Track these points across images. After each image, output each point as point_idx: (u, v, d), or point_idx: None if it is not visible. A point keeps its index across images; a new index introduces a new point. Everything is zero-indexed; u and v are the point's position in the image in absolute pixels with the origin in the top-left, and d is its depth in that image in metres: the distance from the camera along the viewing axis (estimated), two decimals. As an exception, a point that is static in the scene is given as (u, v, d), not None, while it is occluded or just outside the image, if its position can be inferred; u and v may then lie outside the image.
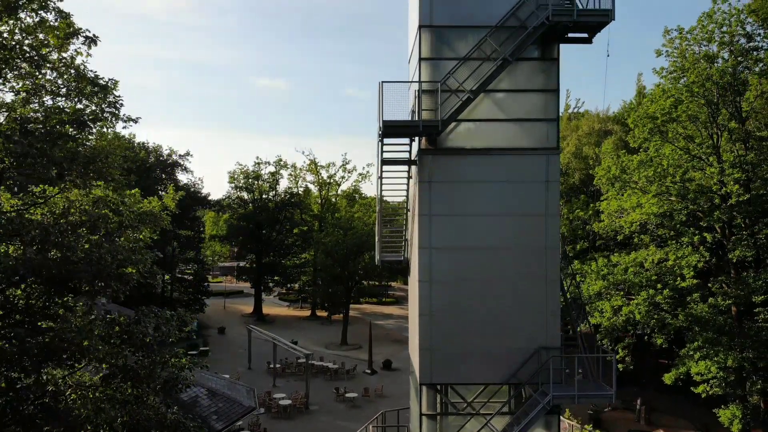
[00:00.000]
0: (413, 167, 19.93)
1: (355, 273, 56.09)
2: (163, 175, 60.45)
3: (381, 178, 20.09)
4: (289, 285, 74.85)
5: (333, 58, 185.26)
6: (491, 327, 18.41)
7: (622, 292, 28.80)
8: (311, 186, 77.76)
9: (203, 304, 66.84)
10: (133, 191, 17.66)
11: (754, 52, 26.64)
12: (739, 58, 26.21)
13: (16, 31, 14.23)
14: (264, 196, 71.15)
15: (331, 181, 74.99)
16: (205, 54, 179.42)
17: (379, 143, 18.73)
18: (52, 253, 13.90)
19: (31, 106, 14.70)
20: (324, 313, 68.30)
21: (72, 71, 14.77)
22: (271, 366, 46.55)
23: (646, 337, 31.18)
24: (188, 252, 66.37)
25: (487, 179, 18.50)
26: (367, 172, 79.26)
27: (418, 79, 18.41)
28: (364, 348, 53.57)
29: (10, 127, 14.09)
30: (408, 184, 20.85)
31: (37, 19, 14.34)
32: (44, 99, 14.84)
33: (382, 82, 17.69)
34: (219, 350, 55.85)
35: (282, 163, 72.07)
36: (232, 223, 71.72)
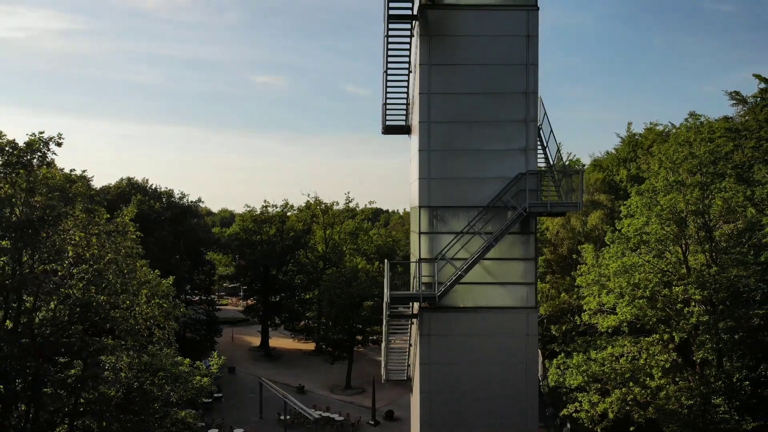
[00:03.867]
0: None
1: (357, 322, 59.59)
2: (176, 240, 63.65)
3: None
4: (294, 321, 78.28)
5: (332, 55, 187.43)
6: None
7: (599, 385, 32.25)
8: (316, 223, 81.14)
9: (214, 343, 70.40)
10: (146, 268, 21.19)
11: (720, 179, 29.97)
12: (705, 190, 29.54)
13: None
14: (272, 238, 74.52)
15: (335, 221, 78.46)
16: (204, 51, 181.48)
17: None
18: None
19: None
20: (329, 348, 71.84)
21: None
22: (282, 417, 50.19)
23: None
24: (200, 294, 69.99)
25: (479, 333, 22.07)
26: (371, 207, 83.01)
27: (419, 255, 21.93)
28: (367, 392, 57.08)
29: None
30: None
31: None
32: None
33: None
34: (230, 394, 59.43)
35: (289, 205, 75.64)
36: (240, 265, 75.29)
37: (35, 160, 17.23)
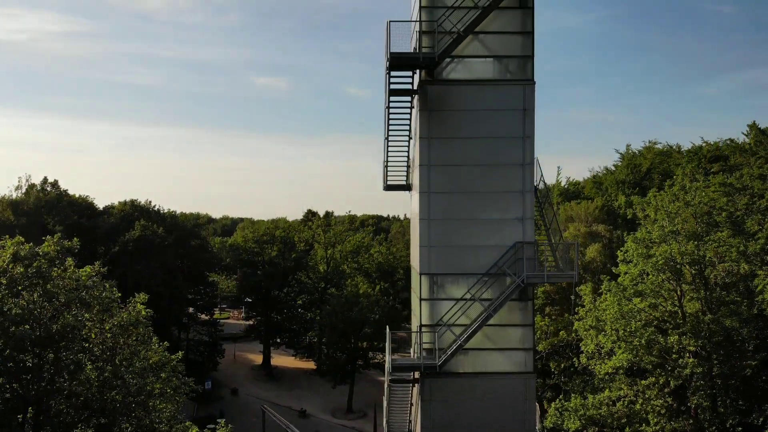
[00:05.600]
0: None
1: (358, 346, 60.33)
2: (179, 262, 64.39)
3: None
4: (297, 339, 79.02)
5: (333, 56, 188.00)
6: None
7: (597, 428, 32.91)
8: (317, 242, 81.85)
9: (217, 364, 71.16)
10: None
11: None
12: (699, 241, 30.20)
13: None
14: (274, 260, 75.27)
15: (336, 240, 79.17)
16: (205, 53, 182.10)
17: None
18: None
19: None
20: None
21: None
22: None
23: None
24: (203, 315, 70.77)
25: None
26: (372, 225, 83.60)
27: (419, 322, 22.61)
28: (369, 416, 57.84)
29: None
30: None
31: None
32: None
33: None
34: (233, 417, 59.94)
35: (292, 227, 76.35)
36: (242, 285, 76.02)
37: (53, 270, 18.01)
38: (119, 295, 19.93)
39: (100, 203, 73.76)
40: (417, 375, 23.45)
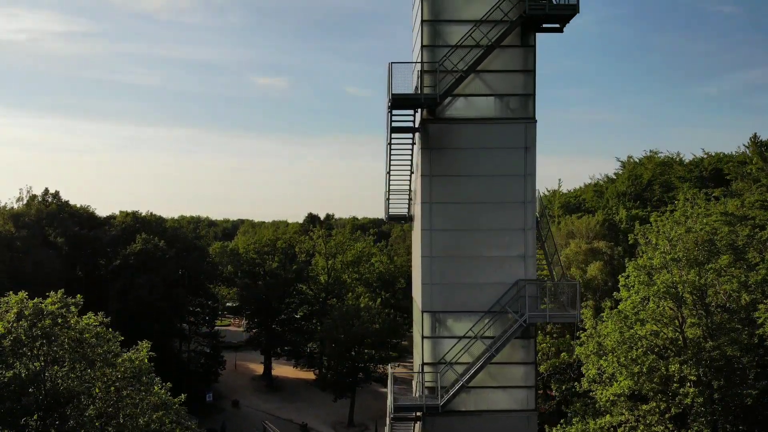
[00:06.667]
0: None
1: (360, 360, 60.37)
2: (180, 271, 64.45)
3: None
4: (298, 349, 79.06)
5: (334, 56, 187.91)
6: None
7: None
8: (318, 253, 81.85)
9: (218, 375, 71.19)
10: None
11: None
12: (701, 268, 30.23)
13: None
14: (275, 271, 75.33)
15: (337, 250, 79.17)
16: (205, 53, 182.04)
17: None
18: None
19: None
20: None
21: None
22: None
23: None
24: (203, 327, 70.84)
25: None
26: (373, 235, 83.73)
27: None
28: (370, 429, 57.93)
29: None
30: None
31: None
32: None
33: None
34: (235, 431, 60.16)
35: (293, 238, 76.40)
36: (243, 295, 76.13)
37: (57, 325, 18.06)
38: (121, 338, 19.95)
39: (100, 203, 74.32)
40: (419, 413, 23.51)
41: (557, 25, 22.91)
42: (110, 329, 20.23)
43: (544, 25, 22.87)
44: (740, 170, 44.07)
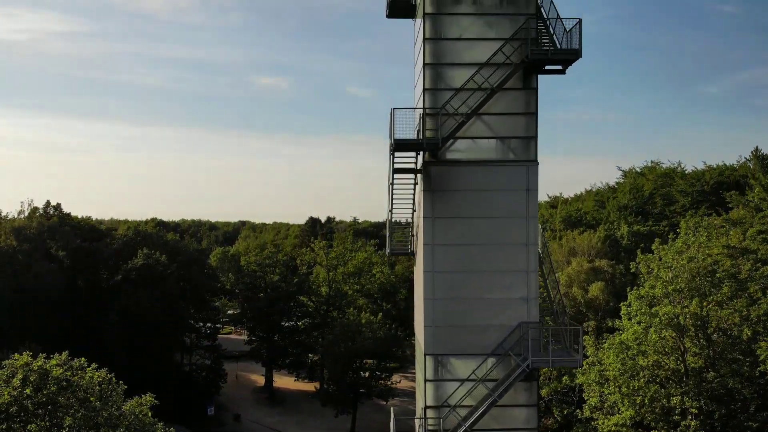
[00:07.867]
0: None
1: (361, 377, 60.44)
2: (182, 283, 64.52)
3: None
4: (299, 361, 79.10)
5: (334, 57, 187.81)
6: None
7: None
8: (319, 264, 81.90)
9: (219, 388, 71.23)
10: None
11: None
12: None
13: None
14: (276, 283, 75.40)
15: (338, 262, 79.23)
16: (206, 53, 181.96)
17: None
18: None
19: None
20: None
21: None
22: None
23: None
24: (205, 341, 70.91)
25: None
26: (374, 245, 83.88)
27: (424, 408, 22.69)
28: (371, 445, 57.98)
29: None
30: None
31: None
32: None
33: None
34: (236, 445, 60.27)
35: (294, 251, 76.43)
36: (244, 307, 76.24)
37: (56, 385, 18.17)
38: (125, 388, 20.06)
39: (100, 204, 74.50)
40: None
41: (560, 67, 22.98)
42: (113, 377, 20.30)
43: (547, 67, 22.97)
44: (741, 199, 44.09)
